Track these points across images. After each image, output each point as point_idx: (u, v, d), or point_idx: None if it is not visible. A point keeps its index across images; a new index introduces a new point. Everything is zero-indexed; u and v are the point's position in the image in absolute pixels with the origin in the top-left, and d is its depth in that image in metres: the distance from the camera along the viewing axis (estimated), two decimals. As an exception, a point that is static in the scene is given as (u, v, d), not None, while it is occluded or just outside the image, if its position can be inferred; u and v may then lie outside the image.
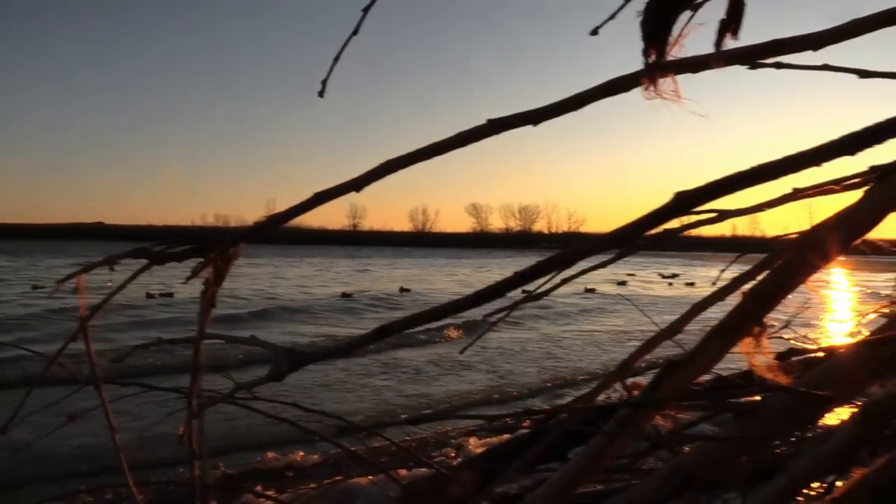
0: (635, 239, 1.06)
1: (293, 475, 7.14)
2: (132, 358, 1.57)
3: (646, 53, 1.18)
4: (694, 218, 1.70)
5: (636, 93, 1.24)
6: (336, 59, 1.36)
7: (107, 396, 1.59)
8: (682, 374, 1.43)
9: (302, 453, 7.30)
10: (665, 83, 1.16)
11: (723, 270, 1.84)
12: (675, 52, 1.19)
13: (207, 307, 1.47)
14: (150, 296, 21.53)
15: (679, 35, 1.18)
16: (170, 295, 21.65)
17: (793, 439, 1.18)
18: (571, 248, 1.02)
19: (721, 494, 1.35)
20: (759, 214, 1.68)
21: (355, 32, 1.32)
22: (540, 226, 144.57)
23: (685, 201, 1.00)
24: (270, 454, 7.37)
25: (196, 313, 1.49)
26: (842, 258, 1.69)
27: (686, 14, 1.19)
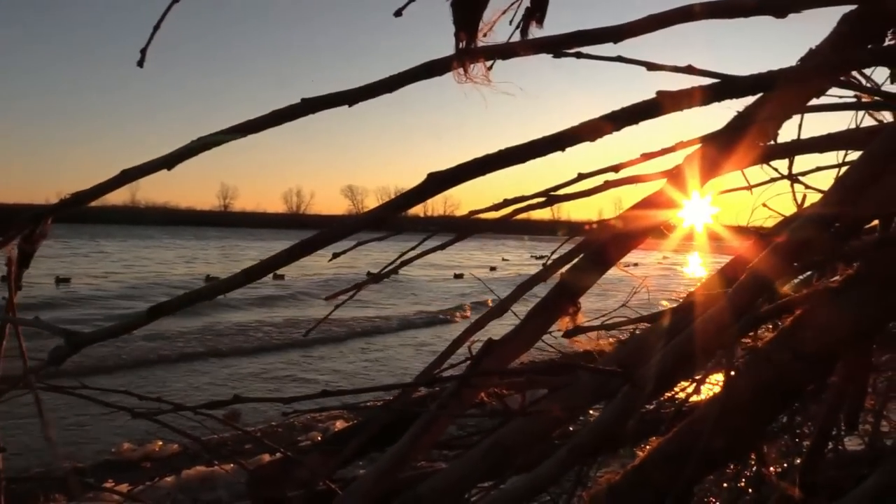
0: (393, 217, 1.09)
1: (150, 466, 6.87)
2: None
3: (457, 38, 1.20)
4: (526, 203, 1.75)
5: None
6: (156, 28, 1.30)
7: None
8: (502, 351, 1.48)
9: (160, 443, 7.03)
10: (476, 68, 1.18)
11: (553, 252, 1.91)
12: (488, 39, 1.22)
13: (13, 289, 1.37)
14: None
15: (492, 21, 1.21)
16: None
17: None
18: (328, 228, 1.03)
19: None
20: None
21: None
22: (416, 210, 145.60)
23: (437, 182, 1.03)
24: (126, 445, 7.05)
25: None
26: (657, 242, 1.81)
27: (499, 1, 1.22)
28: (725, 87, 1.13)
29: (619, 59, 1.10)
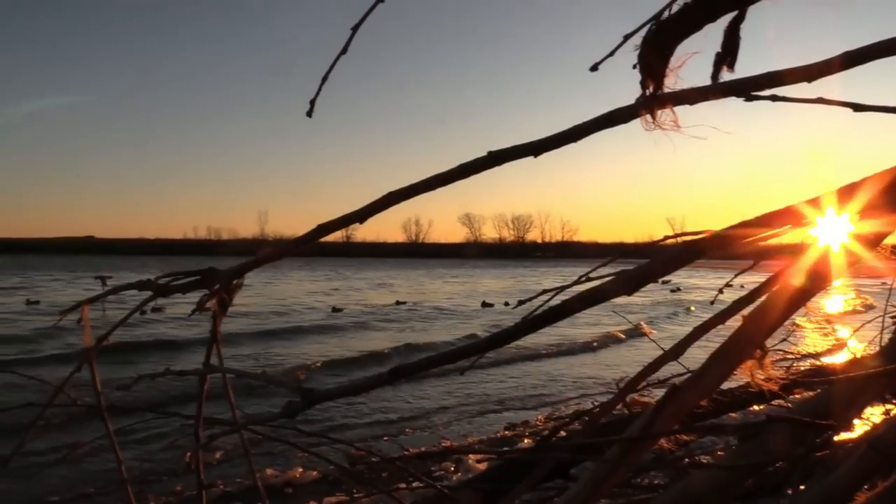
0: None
1: (292, 492, 7.11)
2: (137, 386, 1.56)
3: (643, 85, 1.20)
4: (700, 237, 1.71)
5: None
6: (324, 79, 1.37)
7: (112, 425, 1.60)
8: (685, 397, 1.44)
9: (301, 470, 7.26)
10: (664, 114, 1.18)
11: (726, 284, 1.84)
12: (672, 84, 1.21)
13: (214, 338, 1.48)
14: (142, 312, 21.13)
15: (678, 66, 1.20)
16: (160, 309, 21.30)
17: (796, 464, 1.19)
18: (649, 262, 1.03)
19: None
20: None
21: (344, 51, 1.33)
22: (533, 235, 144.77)
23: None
24: (269, 471, 7.34)
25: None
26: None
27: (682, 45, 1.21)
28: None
29: (820, 100, 1.06)
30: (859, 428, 1.33)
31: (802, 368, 1.58)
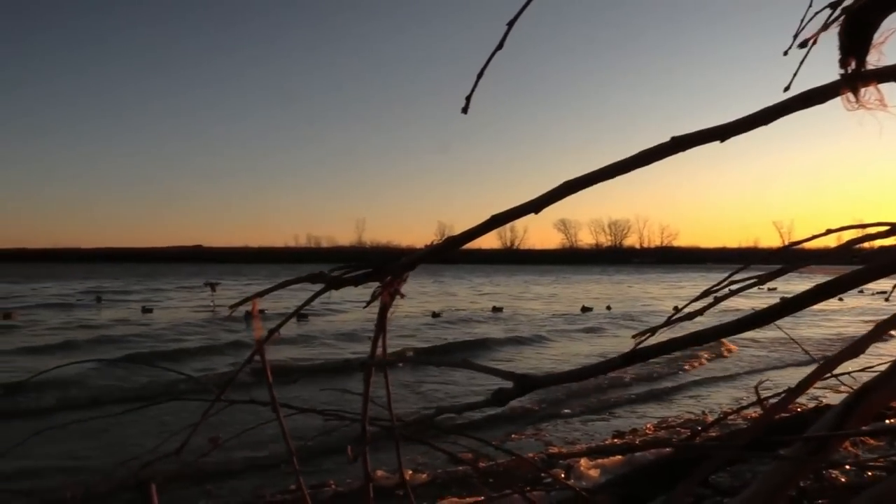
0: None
1: (402, 494, 7.19)
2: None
3: (843, 64, 1.14)
4: (867, 231, 1.63)
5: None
6: (480, 75, 1.36)
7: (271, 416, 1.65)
8: (874, 398, 1.36)
9: (411, 472, 7.33)
10: (867, 93, 1.11)
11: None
12: (875, 61, 1.14)
13: (382, 329, 1.50)
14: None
15: (880, 41, 1.13)
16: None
17: None
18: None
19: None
20: None
21: (500, 47, 1.32)
22: (631, 241, 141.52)
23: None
24: (380, 472, 7.45)
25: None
26: None
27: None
28: None
29: None
30: None
31: None
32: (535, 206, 1.30)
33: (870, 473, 2.92)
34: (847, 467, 2.83)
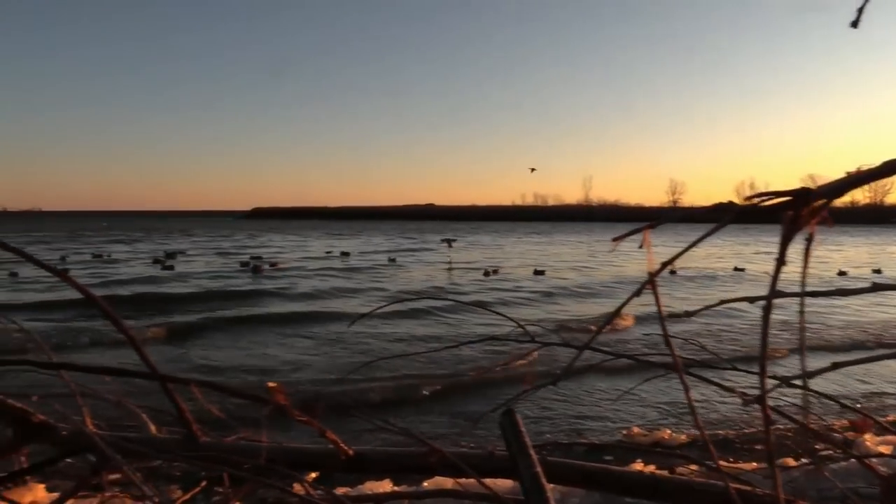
0: None
1: (660, 451, 7.03)
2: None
3: None
4: None
5: None
6: None
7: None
8: None
9: (669, 432, 7.16)
10: None
11: None
12: None
13: (781, 262, 1.40)
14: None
15: None
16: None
17: None
18: None
19: None
20: None
21: None
22: (893, 198, 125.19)
23: None
24: (636, 429, 7.35)
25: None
26: None
27: None
28: None
29: None
30: None
31: None
32: None
33: None
34: None
